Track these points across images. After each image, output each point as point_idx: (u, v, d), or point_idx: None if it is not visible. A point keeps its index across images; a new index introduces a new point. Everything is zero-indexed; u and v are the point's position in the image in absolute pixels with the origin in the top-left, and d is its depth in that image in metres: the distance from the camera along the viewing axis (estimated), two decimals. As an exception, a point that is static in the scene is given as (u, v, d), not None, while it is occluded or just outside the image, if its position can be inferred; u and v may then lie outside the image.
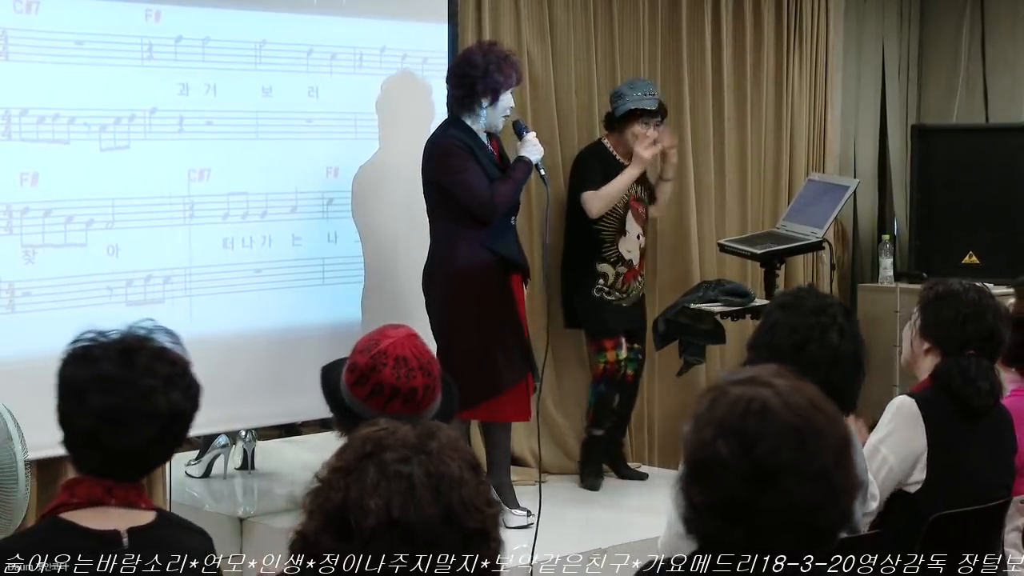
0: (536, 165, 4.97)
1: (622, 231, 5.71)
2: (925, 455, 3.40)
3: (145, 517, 2.32)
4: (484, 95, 4.88)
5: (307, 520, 1.70)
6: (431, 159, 4.92)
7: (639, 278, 5.82)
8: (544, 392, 5.55)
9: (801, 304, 3.08)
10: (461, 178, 4.86)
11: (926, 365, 3.55)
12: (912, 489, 3.42)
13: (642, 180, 5.79)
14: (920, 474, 3.41)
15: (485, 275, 4.92)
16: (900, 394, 3.69)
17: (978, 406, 3.44)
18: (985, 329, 3.49)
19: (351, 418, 2.82)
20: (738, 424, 1.87)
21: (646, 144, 5.55)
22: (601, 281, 5.69)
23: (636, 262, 5.77)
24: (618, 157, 5.70)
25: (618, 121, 5.69)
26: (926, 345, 3.56)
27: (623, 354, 5.68)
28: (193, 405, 2.33)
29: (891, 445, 3.42)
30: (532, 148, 4.96)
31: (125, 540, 2.26)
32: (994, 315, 3.51)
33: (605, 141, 5.78)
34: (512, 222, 5.01)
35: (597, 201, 5.60)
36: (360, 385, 2.80)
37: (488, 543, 1.70)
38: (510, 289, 4.97)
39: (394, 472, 1.67)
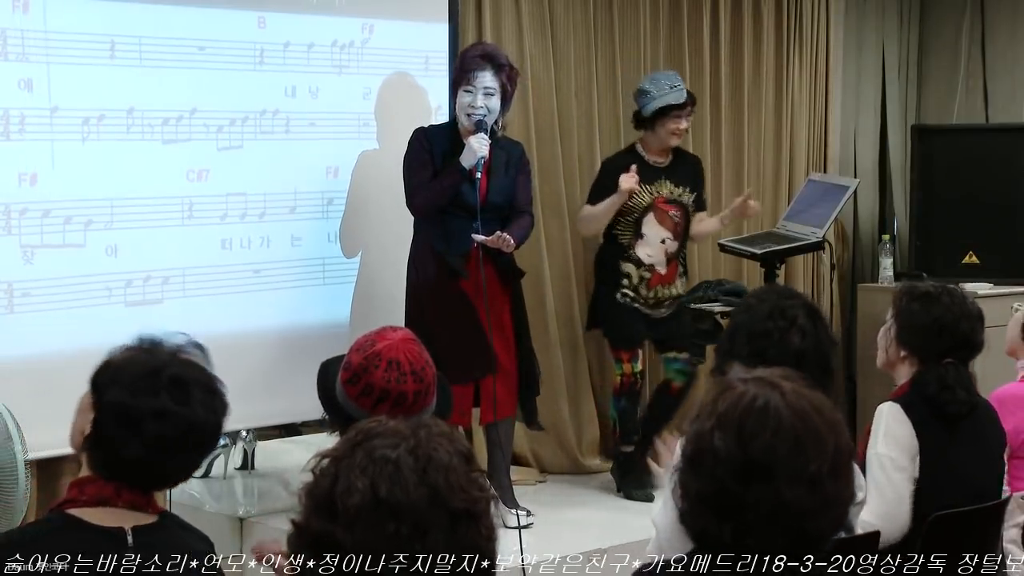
0: (475, 168, 4.75)
1: (638, 235, 5.54)
2: (918, 452, 3.40)
3: (149, 517, 2.34)
4: (451, 90, 4.92)
5: (300, 508, 1.73)
6: None
7: (669, 288, 5.59)
8: (548, 393, 5.55)
9: (759, 308, 3.04)
10: (405, 169, 4.86)
11: (903, 371, 3.53)
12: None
13: (684, 181, 5.60)
14: (916, 471, 3.40)
15: (428, 275, 4.87)
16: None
17: (955, 413, 3.42)
18: (961, 337, 3.46)
19: (341, 416, 2.84)
20: (738, 419, 1.89)
21: (627, 177, 5.36)
22: (625, 281, 5.53)
23: (662, 268, 5.55)
24: (651, 161, 5.53)
25: (648, 120, 5.53)
26: (903, 352, 3.52)
27: (639, 367, 5.54)
28: (217, 420, 2.38)
29: (891, 446, 3.40)
30: (466, 153, 4.77)
31: (130, 538, 2.28)
32: (968, 320, 3.47)
33: (638, 145, 5.61)
34: (475, 224, 4.77)
35: (581, 222, 5.58)
36: (352, 384, 2.83)
37: (479, 527, 1.70)
38: (458, 289, 4.85)
39: (381, 456, 1.69)
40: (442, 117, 5.27)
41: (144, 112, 4.57)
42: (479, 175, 4.77)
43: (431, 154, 4.83)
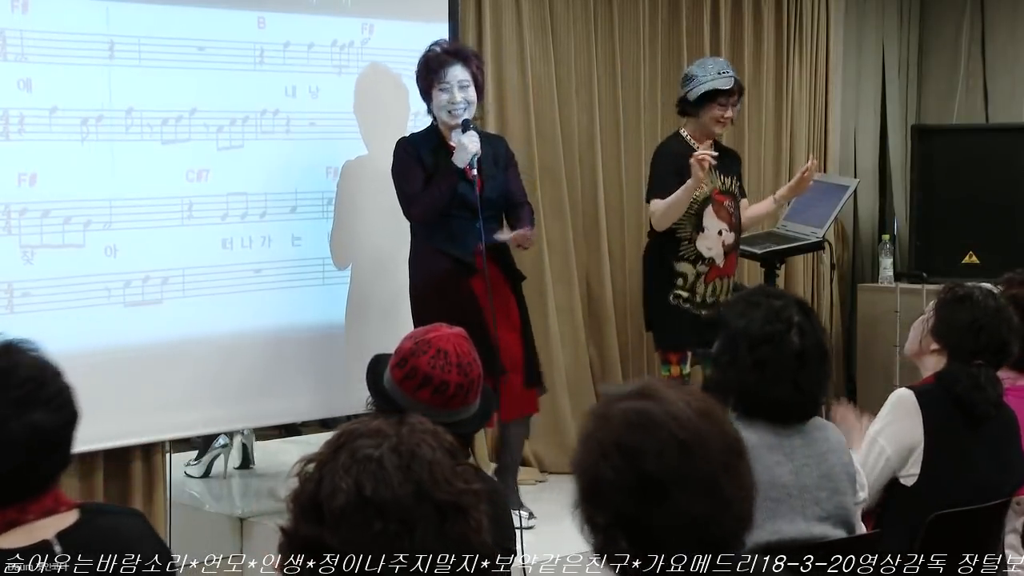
0: (470, 166, 4.72)
1: (699, 227, 5.28)
2: (921, 448, 3.42)
3: (69, 518, 2.27)
4: (424, 97, 4.86)
5: (287, 514, 1.72)
6: None
7: (728, 280, 5.39)
8: (549, 393, 5.54)
9: (753, 314, 3.03)
10: (396, 180, 4.83)
11: (931, 363, 3.57)
12: (908, 482, 3.43)
13: (731, 171, 5.42)
14: (915, 467, 3.42)
15: (435, 275, 4.82)
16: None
17: (982, 413, 3.45)
18: (998, 340, 3.50)
19: (384, 400, 2.87)
20: (622, 439, 1.85)
21: (700, 158, 5.02)
22: (680, 281, 5.32)
23: (720, 261, 5.32)
24: (698, 147, 5.21)
25: (693, 105, 5.30)
26: (935, 345, 3.57)
27: (687, 369, 5.37)
28: (64, 415, 2.25)
29: (888, 436, 3.45)
30: (459, 152, 4.73)
31: (57, 547, 2.21)
32: (1008, 327, 3.52)
33: (683, 132, 5.39)
34: (477, 224, 4.75)
35: (659, 216, 5.25)
36: (399, 367, 2.85)
37: (467, 520, 1.70)
38: (469, 290, 4.82)
39: (364, 455, 1.69)
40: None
41: (144, 112, 4.57)
42: (475, 173, 4.74)
43: (420, 161, 4.79)
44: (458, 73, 4.77)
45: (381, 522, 1.65)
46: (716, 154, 5.17)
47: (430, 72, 4.79)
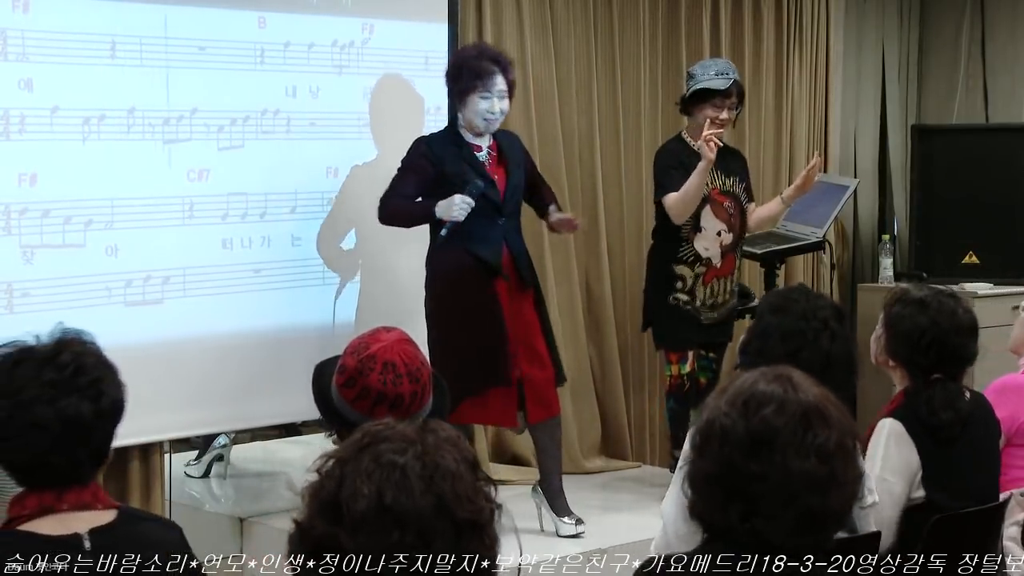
0: (444, 227, 4.67)
1: (697, 227, 5.30)
2: (921, 472, 3.37)
3: (105, 516, 2.29)
4: (456, 96, 4.85)
5: (303, 508, 1.71)
6: None
7: (725, 281, 5.38)
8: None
9: (792, 308, 3.04)
10: (395, 176, 4.79)
11: (899, 375, 3.49)
12: (911, 503, 3.37)
13: (733, 172, 5.42)
14: (919, 491, 3.36)
15: (460, 274, 4.80)
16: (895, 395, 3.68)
17: (944, 438, 3.36)
18: (949, 352, 3.38)
19: (336, 419, 2.84)
20: (746, 395, 1.94)
21: (707, 138, 5.03)
22: (679, 284, 5.33)
23: (717, 261, 5.33)
24: (696, 147, 5.19)
25: (689, 103, 5.31)
26: (892, 362, 3.48)
27: (687, 368, 5.38)
28: (97, 406, 2.28)
29: (892, 470, 3.35)
30: (447, 206, 4.65)
31: (87, 543, 2.24)
32: (958, 334, 3.38)
33: (684, 134, 5.39)
34: (500, 222, 4.80)
35: (678, 207, 5.22)
36: (348, 387, 2.82)
37: (482, 537, 1.70)
38: (493, 292, 4.80)
39: (388, 461, 1.68)
40: (441, 118, 5.25)
41: (145, 112, 4.57)
42: (443, 232, 4.68)
43: (432, 166, 4.75)
44: (500, 83, 4.78)
45: (399, 532, 1.64)
46: (722, 132, 5.17)
47: (475, 78, 4.75)
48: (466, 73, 4.77)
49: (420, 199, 4.74)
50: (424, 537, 1.65)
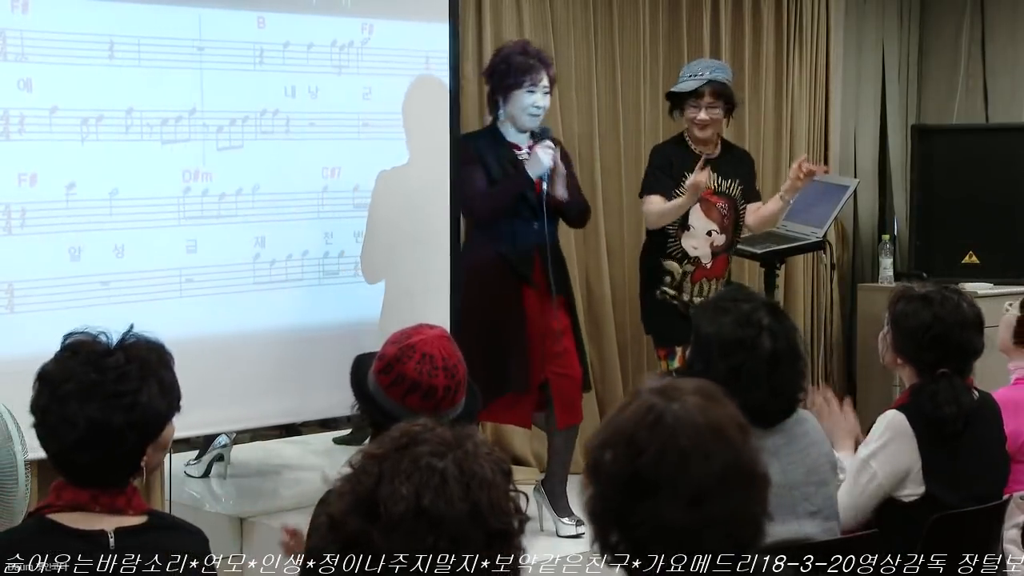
0: (541, 178, 4.80)
1: (684, 226, 5.28)
2: (918, 468, 3.37)
3: (134, 519, 2.32)
4: (498, 93, 4.90)
5: (337, 501, 1.72)
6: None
7: (717, 282, 5.35)
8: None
9: (724, 316, 3.00)
10: (462, 178, 4.87)
11: (907, 373, 3.51)
12: (907, 499, 3.39)
13: (732, 173, 5.40)
14: (915, 487, 3.38)
15: (489, 276, 4.87)
16: (900, 392, 3.68)
17: (948, 433, 3.38)
18: (955, 346, 3.40)
19: (371, 406, 2.89)
20: (629, 432, 1.88)
21: (696, 174, 5.10)
22: (668, 279, 5.33)
23: (707, 261, 5.32)
24: (697, 151, 5.28)
25: (673, 107, 5.36)
26: (899, 359, 3.50)
27: (675, 364, 5.34)
28: (128, 417, 2.28)
29: (881, 460, 3.39)
30: (533, 163, 4.81)
31: (111, 540, 2.26)
32: (964, 328, 3.41)
33: (685, 134, 5.37)
34: (536, 226, 4.85)
35: (650, 215, 5.29)
36: (384, 373, 2.87)
37: (510, 547, 1.72)
38: (519, 296, 4.87)
39: (427, 464, 1.69)
40: (441, 116, 5.22)
41: (143, 112, 4.56)
42: (544, 187, 4.78)
43: (483, 162, 4.85)
44: (544, 79, 4.87)
45: (433, 536, 1.66)
46: (708, 169, 5.18)
47: (522, 74, 4.83)
48: (513, 69, 4.83)
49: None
50: (456, 543, 1.66)
